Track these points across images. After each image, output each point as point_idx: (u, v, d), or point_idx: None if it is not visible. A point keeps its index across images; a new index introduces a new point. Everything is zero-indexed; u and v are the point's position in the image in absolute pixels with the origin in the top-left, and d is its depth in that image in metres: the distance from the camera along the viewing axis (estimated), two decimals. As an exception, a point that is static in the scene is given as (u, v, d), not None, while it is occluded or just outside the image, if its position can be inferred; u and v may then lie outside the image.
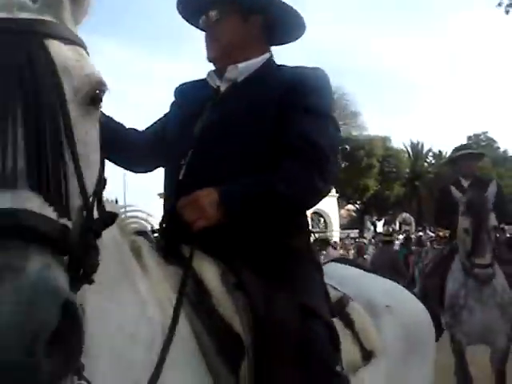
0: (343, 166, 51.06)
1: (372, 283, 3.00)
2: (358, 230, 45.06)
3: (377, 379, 2.59)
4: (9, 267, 1.07)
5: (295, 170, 2.11)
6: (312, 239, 2.67)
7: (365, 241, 25.00)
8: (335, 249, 20.00)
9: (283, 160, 2.13)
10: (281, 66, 2.44)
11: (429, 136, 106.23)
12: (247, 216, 2.07)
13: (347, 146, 51.00)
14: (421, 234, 25.66)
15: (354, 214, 60.11)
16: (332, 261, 3.54)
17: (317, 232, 36.43)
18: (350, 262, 3.79)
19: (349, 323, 2.47)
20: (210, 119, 2.27)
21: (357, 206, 58.11)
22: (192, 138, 2.25)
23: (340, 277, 2.85)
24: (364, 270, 3.37)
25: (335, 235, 38.92)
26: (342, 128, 53.42)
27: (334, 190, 41.11)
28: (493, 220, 5.25)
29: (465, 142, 61.76)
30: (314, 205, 2.28)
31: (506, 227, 18.94)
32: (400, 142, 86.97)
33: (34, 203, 1.17)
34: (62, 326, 1.08)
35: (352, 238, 34.30)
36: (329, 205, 40.37)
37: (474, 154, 7.21)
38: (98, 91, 1.42)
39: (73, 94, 1.34)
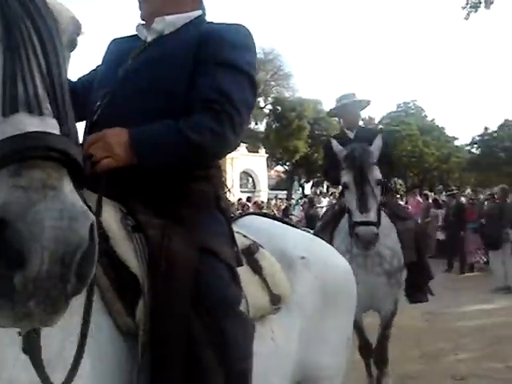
0: (274, 126, 51.26)
1: (288, 235, 2.91)
2: (286, 192, 45.42)
3: (289, 332, 2.55)
4: (49, 186, 1.18)
5: (206, 119, 2.10)
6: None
7: (292, 202, 25.23)
8: (262, 208, 20.10)
9: (195, 110, 2.12)
10: (210, 23, 2.43)
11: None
12: (156, 160, 2.05)
13: (279, 107, 51.09)
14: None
15: (282, 175, 60.56)
16: (251, 214, 3.45)
17: (245, 192, 36.60)
18: (269, 215, 3.66)
19: (257, 269, 2.44)
20: (132, 65, 2.27)
21: (286, 167, 58.54)
22: (113, 82, 2.25)
23: (256, 228, 2.80)
24: (284, 223, 3.25)
25: (263, 195, 39.13)
26: (275, 89, 54.01)
27: (263, 151, 41.21)
28: (376, 174, 4.78)
29: (394, 109, 63.55)
30: (222, 154, 2.29)
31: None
32: (331, 106, 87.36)
33: (57, 130, 1.30)
34: (88, 246, 1.22)
35: (280, 199, 34.54)
36: (258, 165, 40.51)
37: (355, 103, 6.13)
38: (76, 35, 1.56)
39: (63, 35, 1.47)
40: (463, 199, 17.88)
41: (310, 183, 52.19)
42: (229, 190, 2.42)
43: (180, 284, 1.87)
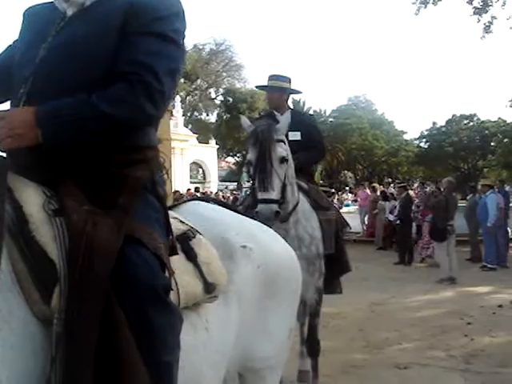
0: (224, 117, 51.16)
1: (232, 222, 2.82)
2: (236, 183, 45.31)
3: (226, 322, 2.49)
4: None
5: (121, 90, 2.04)
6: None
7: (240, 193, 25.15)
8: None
9: (113, 82, 2.05)
10: None
11: (311, 95, 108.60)
12: (64, 137, 1.98)
13: (230, 98, 50.98)
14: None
15: (233, 166, 60.50)
16: (197, 199, 3.37)
17: (195, 182, 36.40)
18: (219, 201, 3.54)
19: (191, 256, 2.37)
20: (52, 44, 2.15)
21: (237, 158, 58.51)
22: (34, 64, 2.13)
23: (199, 214, 2.74)
24: (231, 210, 3.16)
25: (213, 186, 38.98)
26: (227, 80, 53.79)
27: (213, 142, 41.08)
28: (280, 151, 4.48)
29: (345, 102, 64.16)
30: (139, 124, 2.17)
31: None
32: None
33: None
34: None
35: (230, 190, 34.49)
36: (208, 156, 40.27)
37: (274, 87, 5.75)
38: None
39: None
40: (411, 192, 18.10)
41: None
42: (166, 173, 2.34)
43: (98, 272, 1.79)
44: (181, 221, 2.48)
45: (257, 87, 6.71)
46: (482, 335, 7.84)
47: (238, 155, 57.18)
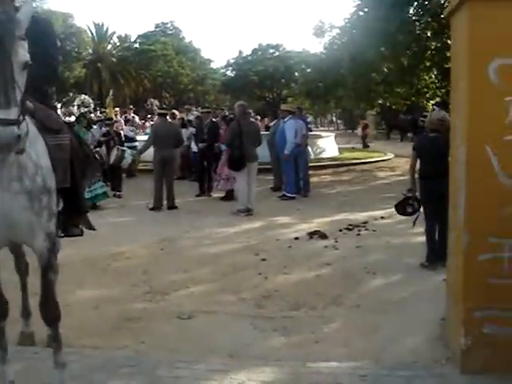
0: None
1: None
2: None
3: None
4: None
5: None
6: None
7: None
8: None
9: None
10: None
11: (115, 20, 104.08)
12: None
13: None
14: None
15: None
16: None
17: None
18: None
19: None
20: None
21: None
22: None
23: None
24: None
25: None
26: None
27: None
28: (23, 54, 3.32)
29: (153, 28, 61.95)
30: None
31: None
32: (83, 21, 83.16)
33: None
34: None
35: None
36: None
37: None
38: None
39: None
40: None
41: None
42: None
43: None
44: None
45: None
46: (277, 273, 7.19)
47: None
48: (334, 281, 6.81)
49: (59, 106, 46.59)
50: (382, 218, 10.62)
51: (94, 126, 15.06)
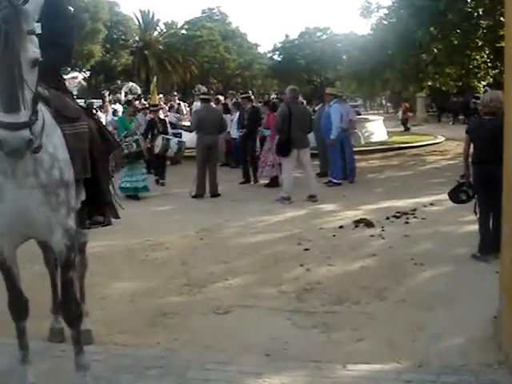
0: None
1: None
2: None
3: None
4: None
5: None
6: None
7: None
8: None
9: None
10: None
11: (159, 6, 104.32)
12: None
13: (71, 7, 46.93)
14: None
15: (83, 82, 57.13)
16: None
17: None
18: None
19: None
20: None
21: (84, 73, 55.09)
22: None
23: None
24: None
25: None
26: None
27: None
28: (33, 50, 3.09)
29: (199, 14, 61.85)
30: None
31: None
32: (129, 9, 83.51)
33: None
34: None
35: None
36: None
37: None
38: None
39: None
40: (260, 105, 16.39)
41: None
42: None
43: None
44: None
45: None
46: (319, 264, 6.88)
47: (84, 70, 53.64)
48: (380, 273, 6.45)
49: (107, 93, 47.14)
50: (432, 204, 10.13)
51: (139, 114, 14.82)
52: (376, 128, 23.94)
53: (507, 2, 4.24)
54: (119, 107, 21.44)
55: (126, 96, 37.39)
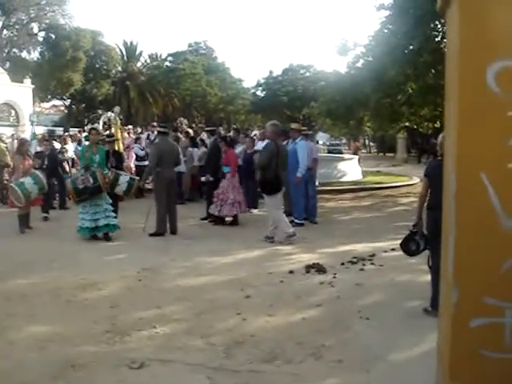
0: (47, 57, 46.80)
1: None
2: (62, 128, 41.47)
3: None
4: None
5: None
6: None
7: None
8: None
9: None
10: None
11: (145, 38, 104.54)
12: None
13: (52, 35, 46.48)
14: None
15: (64, 109, 57.03)
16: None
17: (7, 125, 32.60)
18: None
19: None
20: None
21: (64, 101, 54.70)
22: None
23: None
24: None
25: (28, 131, 35.19)
26: (50, 15, 48.99)
27: (28, 81, 37.06)
28: None
29: (185, 48, 61.84)
30: None
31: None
32: (113, 39, 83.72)
33: None
34: None
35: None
36: (21, 96, 36.04)
37: None
38: None
39: None
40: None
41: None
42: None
43: None
44: None
45: None
46: (258, 314, 6.25)
47: (63, 98, 53.18)
48: (320, 327, 5.84)
49: (86, 122, 46.68)
50: (393, 249, 9.52)
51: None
52: (350, 167, 23.55)
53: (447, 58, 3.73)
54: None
55: (104, 126, 36.94)
